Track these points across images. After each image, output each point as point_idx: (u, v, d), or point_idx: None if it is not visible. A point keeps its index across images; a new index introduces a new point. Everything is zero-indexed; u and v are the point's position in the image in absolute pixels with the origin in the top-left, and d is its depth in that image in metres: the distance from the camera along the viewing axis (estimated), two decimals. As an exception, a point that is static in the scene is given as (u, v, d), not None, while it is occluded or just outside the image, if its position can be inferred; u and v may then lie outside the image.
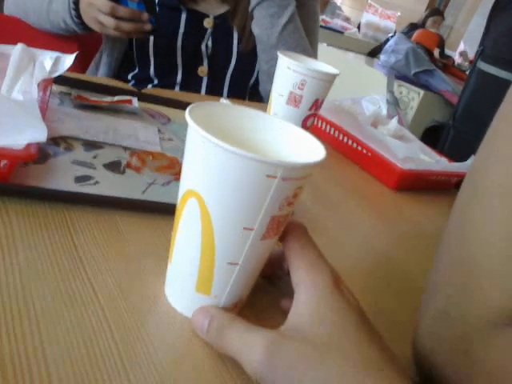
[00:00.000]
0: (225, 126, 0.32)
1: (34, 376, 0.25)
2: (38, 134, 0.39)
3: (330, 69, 0.61)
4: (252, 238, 0.28)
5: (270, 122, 0.33)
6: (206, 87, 0.98)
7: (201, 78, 0.97)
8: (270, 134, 0.33)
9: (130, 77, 0.99)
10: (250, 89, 1.03)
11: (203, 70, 0.97)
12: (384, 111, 0.86)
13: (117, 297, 0.32)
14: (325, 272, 0.29)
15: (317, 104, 0.60)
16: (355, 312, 0.28)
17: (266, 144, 0.33)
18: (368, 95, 0.90)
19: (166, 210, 0.42)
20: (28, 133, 0.39)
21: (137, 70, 0.98)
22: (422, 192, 0.71)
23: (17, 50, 0.54)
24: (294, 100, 0.58)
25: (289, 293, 0.31)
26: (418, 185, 0.70)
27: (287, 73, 0.57)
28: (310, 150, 0.31)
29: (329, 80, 0.58)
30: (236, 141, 0.31)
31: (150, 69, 0.96)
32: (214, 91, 0.97)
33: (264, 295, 0.36)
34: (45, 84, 0.51)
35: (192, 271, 0.30)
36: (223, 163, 0.26)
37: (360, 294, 0.31)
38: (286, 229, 0.31)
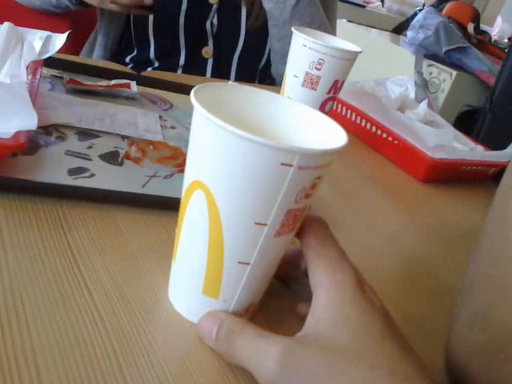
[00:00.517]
0: (235, 109, 0.32)
1: (24, 383, 0.25)
2: (27, 121, 0.40)
3: (351, 46, 0.60)
4: (265, 235, 0.28)
5: (285, 104, 0.33)
6: (212, 70, 0.98)
7: (206, 60, 0.97)
8: (285, 117, 0.33)
9: (127, 59, 0.99)
10: (260, 71, 1.03)
11: (208, 50, 0.97)
12: (412, 94, 0.85)
13: (115, 300, 0.32)
14: (347, 272, 0.29)
15: (336, 86, 0.59)
16: (381, 316, 0.27)
17: (281, 129, 0.33)
18: (393, 76, 0.90)
19: (169, 205, 0.42)
20: (16, 120, 0.39)
21: (135, 52, 0.98)
22: (455, 184, 0.70)
23: (3, 30, 0.54)
24: (310, 82, 0.58)
25: (306, 296, 0.31)
26: (450, 176, 0.70)
27: (303, 51, 0.57)
28: (329, 135, 0.30)
29: (350, 58, 0.58)
30: (247, 125, 0.31)
31: (149, 50, 0.96)
32: (221, 74, 0.97)
33: (278, 299, 0.36)
34: (34, 66, 0.51)
35: (198, 272, 0.30)
36: (233, 150, 0.26)
37: (385, 297, 0.31)
38: (304, 224, 0.31)
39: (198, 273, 0.30)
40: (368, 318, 0.27)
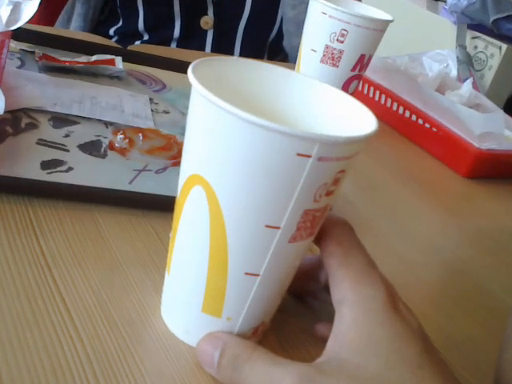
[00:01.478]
0: (241, 88, 0.32)
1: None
2: (-8, 104, 0.40)
3: (380, 14, 0.60)
4: (277, 240, 0.28)
5: (302, 83, 0.33)
6: (212, 43, 0.98)
7: (205, 32, 0.97)
8: (302, 99, 0.33)
9: (111, 31, 0.99)
10: (270, 44, 1.02)
11: (208, 20, 0.97)
12: (453, 72, 0.85)
13: (97, 319, 0.32)
14: (377, 285, 0.28)
15: (362, 62, 0.59)
16: (418, 340, 0.27)
17: (297, 112, 0.33)
18: (431, 50, 0.89)
19: (162, 205, 0.42)
20: (-21, 103, 0.40)
21: (121, 23, 0.98)
22: (506, 181, 0.69)
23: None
24: (331, 57, 0.58)
25: (327, 314, 0.31)
26: (499, 171, 0.69)
27: (322, 20, 0.56)
28: (355, 120, 0.30)
29: (378, 29, 0.57)
30: (256, 108, 0.31)
31: (138, 20, 0.96)
32: (223, 48, 0.97)
33: (293, 317, 0.36)
34: (0, 39, 0.51)
35: (197, 285, 0.30)
36: (239, 138, 0.26)
37: (422, 318, 0.30)
38: (324, 228, 0.30)
39: (196, 286, 0.30)
40: (403, 342, 0.27)
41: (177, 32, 0.96)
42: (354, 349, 0.27)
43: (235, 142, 0.26)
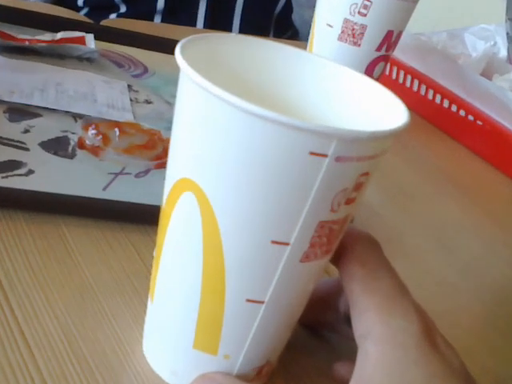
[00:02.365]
0: (240, 72, 0.32)
1: None
2: None
3: (412, -20, 0.60)
4: (286, 259, 0.28)
5: (316, 65, 0.33)
6: (206, 17, 0.98)
7: (196, 3, 0.98)
8: (315, 84, 0.33)
9: (81, 2, 1.00)
10: (276, 18, 1.03)
11: (200, -12, 0.97)
12: (502, 51, 0.85)
13: (64, 356, 0.32)
14: (409, 316, 0.28)
15: (389, 40, 0.59)
16: (460, 381, 0.27)
17: (309, 101, 0.33)
18: (475, 25, 0.89)
19: (144, 217, 0.42)
20: None
21: (92, -9, 0.99)
22: None
23: None
24: (351, 33, 0.58)
25: (347, 351, 0.31)
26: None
27: (340, -12, 0.57)
28: (381, 111, 0.30)
29: (409, 0, 0.58)
30: (259, 96, 0.31)
31: (113, -12, 0.97)
32: (218, 23, 0.97)
33: (306, 355, 0.36)
34: None
35: (187, 315, 0.30)
36: (237, 133, 0.26)
37: (465, 355, 0.30)
38: (345, 244, 0.30)
39: (186, 316, 0.30)
40: (441, 383, 0.27)
41: (161, 3, 0.97)
42: None
43: (232, 137, 0.26)
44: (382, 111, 0.30)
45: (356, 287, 0.30)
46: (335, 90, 0.33)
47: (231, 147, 0.26)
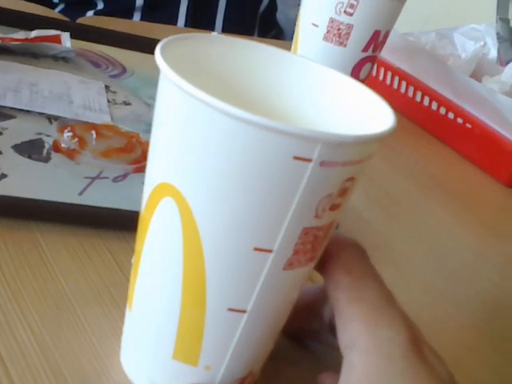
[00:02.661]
0: (223, 74, 0.32)
1: None
2: None
3: (399, -21, 0.60)
4: (269, 267, 0.28)
5: (300, 66, 0.33)
6: (187, 15, 0.98)
7: (177, 0, 0.98)
8: (300, 87, 0.33)
9: (56, -2, 1.00)
10: (260, 17, 1.03)
11: (181, -16, 0.97)
12: (493, 52, 0.85)
13: (40, 372, 0.31)
14: (396, 326, 0.29)
15: (376, 40, 0.59)
16: None
17: (294, 105, 0.33)
18: (464, 24, 0.90)
19: (122, 223, 0.42)
20: None
21: (68, -13, 0.99)
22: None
23: None
24: (337, 33, 0.58)
25: (332, 361, 0.31)
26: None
27: (325, -14, 0.57)
28: (367, 113, 0.31)
29: (397, -2, 0.58)
30: (243, 99, 0.31)
31: (90, -16, 0.96)
32: (201, 21, 0.97)
33: (290, 366, 0.36)
34: None
35: (167, 324, 0.30)
36: (219, 136, 0.26)
37: (454, 366, 0.30)
38: (330, 251, 0.31)
39: (166, 326, 0.30)
40: None
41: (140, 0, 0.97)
42: None
43: (212, 141, 0.26)
44: (369, 114, 0.31)
45: (341, 296, 0.30)
46: (320, 92, 0.33)
47: (211, 151, 0.26)
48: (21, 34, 0.64)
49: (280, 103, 0.33)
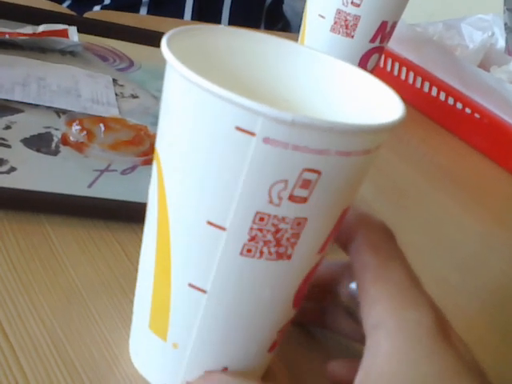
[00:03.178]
0: (229, 65, 0.32)
1: None
2: None
3: (406, -31, 0.60)
4: (224, 246, 0.28)
5: (307, 57, 0.33)
6: (193, 8, 0.98)
7: (184, -7, 0.98)
8: (308, 78, 0.33)
9: (63, -7, 1.00)
10: (267, 10, 1.03)
11: (187, -22, 0.97)
12: (500, 42, 0.85)
13: (51, 361, 0.32)
14: (423, 308, 0.29)
15: (383, 31, 0.59)
16: (475, 376, 0.27)
17: (301, 95, 0.33)
18: (472, 15, 0.89)
19: (131, 215, 0.42)
20: None
21: (75, -18, 0.99)
22: None
23: None
24: (344, 24, 0.58)
25: (340, 349, 0.31)
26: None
27: (332, -23, 0.57)
28: (375, 103, 0.31)
29: (404, -12, 0.58)
30: (249, 89, 0.31)
31: (96, -22, 0.96)
32: (207, 15, 0.97)
33: (300, 356, 0.36)
34: None
35: (145, 293, 0.31)
36: (179, 99, 0.27)
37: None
38: (358, 231, 0.31)
39: (144, 295, 0.31)
40: (456, 378, 0.27)
41: (147, -6, 0.97)
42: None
43: (176, 105, 0.27)
44: (377, 104, 0.31)
45: (368, 276, 0.30)
46: (328, 83, 0.33)
47: (174, 114, 0.27)
48: (28, 29, 0.64)
49: (288, 94, 0.33)
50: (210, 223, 0.27)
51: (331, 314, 0.36)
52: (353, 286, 0.34)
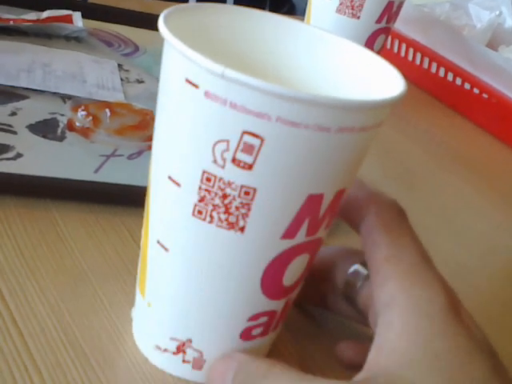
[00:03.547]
0: (230, 43, 0.32)
1: None
2: None
3: None
4: (180, 204, 0.28)
5: (312, 36, 0.33)
6: (198, -8, 0.98)
7: (188, -23, 0.97)
8: (309, 55, 0.33)
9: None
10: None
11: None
12: (508, 21, 0.85)
13: (59, 344, 0.32)
14: (435, 286, 0.29)
15: (390, 11, 0.59)
16: (486, 355, 0.27)
17: (303, 73, 0.33)
18: (480, -6, 0.89)
19: (137, 199, 0.42)
20: None
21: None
22: None
23: None
24: (350, 5, 0.58)
25: (343, 331, 0.31)
26: None
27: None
28: (379, 81, 0.30)
29: (410, -33, 0.58)
30: (251, 67, 0.31)
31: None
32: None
33: (305, 338, 0.36)
34: None
35: (139, 258, 0.32)
36: (164, 62, 0.28)
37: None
38: (370, 209, 0.31)
39: (138, 260, 0.33)
40: (467, 356, 0.27)
41: (151, -21, 0.97)
42: (408, 362, 0.27)
43: (164, 69, 0.28)
44: (380, 83, 0.30)
45: (379, 254, 0.30)
46: (329, 61, 0.33)
47: (161, 77, 0.29)
48: (32, 15, 0.64)
49: (290, 72, 0.33)
50: (170, 178, 0.28)
51: (331, 298, 0.36)
52: (352, 269, 0.34)
